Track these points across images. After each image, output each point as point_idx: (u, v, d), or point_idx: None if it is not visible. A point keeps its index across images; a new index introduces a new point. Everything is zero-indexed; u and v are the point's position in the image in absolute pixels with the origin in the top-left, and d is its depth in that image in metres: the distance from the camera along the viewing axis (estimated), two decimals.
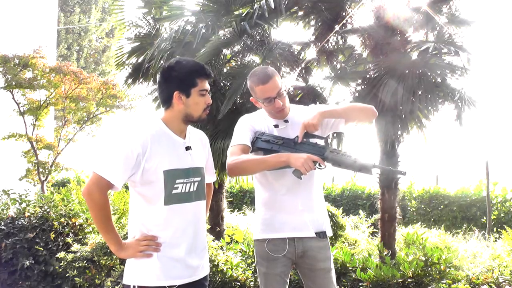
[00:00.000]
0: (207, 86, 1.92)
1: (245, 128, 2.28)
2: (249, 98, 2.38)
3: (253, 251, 3.84)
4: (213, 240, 4.12)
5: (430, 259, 3.75)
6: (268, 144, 2.21)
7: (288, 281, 2.31)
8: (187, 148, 1.94)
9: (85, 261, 3.96)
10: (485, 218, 7.32)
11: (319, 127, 2.15)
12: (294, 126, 2.29)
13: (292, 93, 4.81)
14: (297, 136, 2.18)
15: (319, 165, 2.09)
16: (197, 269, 1.94)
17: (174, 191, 1.86)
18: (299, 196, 2.25)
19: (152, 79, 5.31)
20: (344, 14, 4.70)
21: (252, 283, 3.84)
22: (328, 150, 2.11)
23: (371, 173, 2.06)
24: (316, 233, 2.27)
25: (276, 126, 2.29)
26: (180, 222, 1.88)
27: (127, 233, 4.26)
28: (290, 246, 2.25)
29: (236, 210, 8.51)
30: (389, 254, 4.15)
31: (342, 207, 7.78)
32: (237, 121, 2.38)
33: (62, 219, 4.42)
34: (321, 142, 2.20)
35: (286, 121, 2.31)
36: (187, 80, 1.87)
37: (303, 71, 4.95)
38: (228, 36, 4.43)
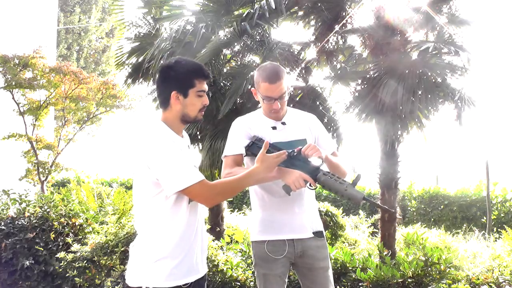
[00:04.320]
0: (205, 87, 1.91)
1: (240, 134, 2.27)
2: (251, 89, 2.38)
3: None
4: (213, 240, 4.12)
5: (430, 259, 3.75)
6: None
7: (286, 281, 2.31)
8: (188, 147, 1.98)
9: (85, 261, 3.96)
10: (485, 218, 7.32)
11: (318, 153, 2.09)
12: (291, 129, 2.29)
13: (292, 93, 4.81)
14: (293, 150, 2.16)
15: (310, 184, 2.08)
16: (202, 265, 1.96)
17: None
18: (295, 199, 2.25)
19: (152, 79, 5.31)
20: (344, 14, 4.70)
21: (252, 283, 3.84)
22: (321, 172, 2.08)
23: (360, 205, 2.07)
24: (313, 233, 2.30)
25: (274, 128, 2.29)
26: (195, 219, 1.90)
27: (127, 233, 4.25)
28: (290, 246, 2.26)
29: (236, 210, 8.52)
30: (389, 254, 4.15)
31: (342, 207, 7.79)
32: None
33: (62, 219, 4.42)
34: (316, 161, 2.17)
35: (284, 123, 2.30)
36: (185, 80, 1.87)
37: (303, 71, 4.95)
38: (228, 36, 4.44)
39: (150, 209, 1.85)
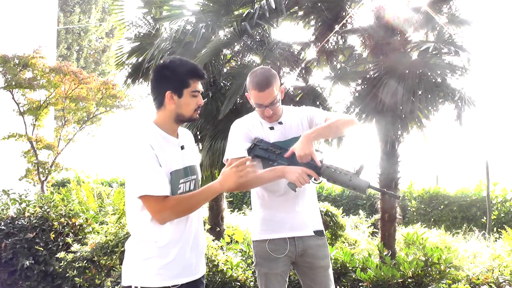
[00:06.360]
0: (199, 87, 1.91)
1: (240, 137, 2.28)
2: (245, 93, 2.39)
3: None
4: (213, 240, 4.12)
5: (430, 259, 3.75)
6: (265, 152, 2.22)
7: (287, 280, 2.32)
8: (182, 148, 1.95)
9: (85, 261, 3.96)
10: (485, 218, 7.32)
11: (312, 148, 2.10)
12: (288, 128, 2.31)
13: (292, 93, 4.81)
14: (287, 149, 2.17)
15: (314, 179, 2.11)
16: (198, 267, 1.95)
17: (178, 191, 1.87)
18: (296, 197, 2.26)
19: None
20: (344, 14, 4.70)
21: (252, 283, 3.84)
22: (324, 165, 2.10)
23: (365, 194, 2.08)
24: (314, 232, 2.31)
25: (271, 128, 2.31)
26: (185, 220, 1.89)
27: (126, 233, 4.25)
28: (291, 245, 2.27)
29: (236, 210, 8.51)
30: (389, 254, 4.14)
31: (342, 207, 7.78)
32: None
33: (62, 219, 4.42)
34: (318, 155, 2.18)
35: (281, 123, 2.32)
36: (180, 80, 1.87)
37: (303, 71, 4.95)
38: (228, 36, 4.44)
39: (138, 208, 1.85)
